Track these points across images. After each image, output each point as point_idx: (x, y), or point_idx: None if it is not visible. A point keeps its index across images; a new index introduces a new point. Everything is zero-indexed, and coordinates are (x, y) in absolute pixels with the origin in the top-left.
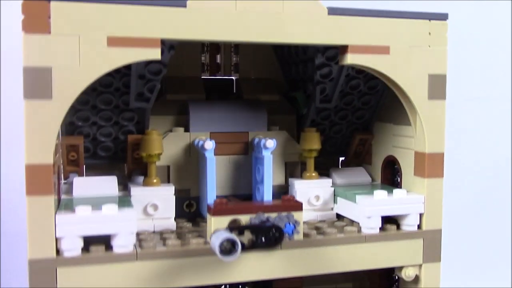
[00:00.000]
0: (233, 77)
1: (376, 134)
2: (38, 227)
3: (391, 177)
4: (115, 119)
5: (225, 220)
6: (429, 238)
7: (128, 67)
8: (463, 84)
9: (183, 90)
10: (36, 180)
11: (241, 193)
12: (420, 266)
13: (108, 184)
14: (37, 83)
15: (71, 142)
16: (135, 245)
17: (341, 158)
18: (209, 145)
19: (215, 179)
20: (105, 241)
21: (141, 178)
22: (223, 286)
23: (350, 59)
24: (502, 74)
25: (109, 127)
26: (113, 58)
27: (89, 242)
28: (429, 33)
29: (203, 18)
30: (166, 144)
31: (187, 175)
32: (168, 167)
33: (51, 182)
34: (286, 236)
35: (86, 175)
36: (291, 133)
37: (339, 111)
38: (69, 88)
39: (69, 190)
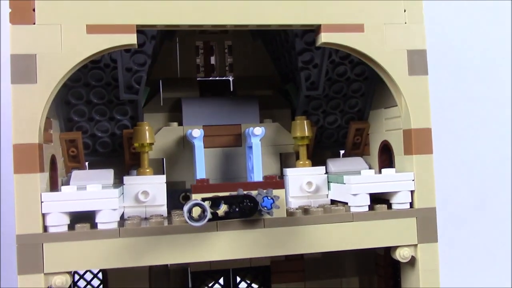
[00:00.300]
0: (229, 78)
1: (371, 123)
2: (25, 204)
3: (388, 163)
4: (110, 114)
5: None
6: (422, 217)
7: (116, 61)
8: (464, 84)
9: (178, 89)
10: (23, 158)
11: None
12: (416, 246)
13: (104, 176)
14: (23, 69)
15: (70, 137)
16: (118, 223)
17: (341, 151)
18: (197, 132)
19: (204, 166)
20: (92, 220)
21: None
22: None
23: (324, 38)
24: (502, 74)
25: (105, 122)
26: (92, 44)
27: (76, 221)
28: (404, 10)
29: (175, 4)
30: (160, 138)
31: (182, 168)
32: (163, 160)
33: (37, 161)
34: (265, 210)
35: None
36: (286, 126)
37: (330, 100)
38: (52, 73)
39: (68, 182)
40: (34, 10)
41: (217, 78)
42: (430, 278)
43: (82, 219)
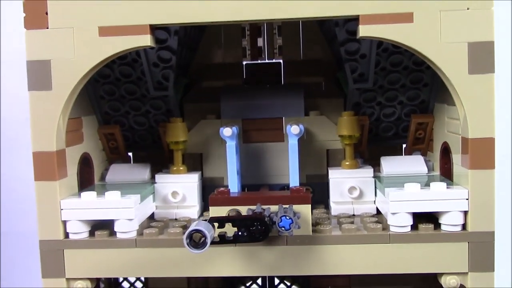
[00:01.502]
0: (279, 60)
1: (436, 117)
2: (45, 210)
3: (450, 167)
4: (144, 108)
5: (223, 210)
6: (476, 242)
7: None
8: None
9: (220, 76)
10: (41, 166)
11: (277, 183)
12: (466, 274)
13: (140, 171)
14: (39, 75)
15: (108, 131)
16: (138, 231)
17: (404, 145)
18: (229, 132)
19: (236, 169)
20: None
21: None
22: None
23: (363, 31)
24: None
25: (141, 116)
26: (105, 48)
27: (100, 226)
28: None
29: (190, 2)
30: (198, 132)
31: (220, 163)
32: (201, 155)
33: (55, 169)
34: (282, 230)
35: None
36: (337, 118)
37: (386, 91)
38: (66, 79)
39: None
40: (47, 13)
41: (264, 62)
42: None
43: (106, 224)
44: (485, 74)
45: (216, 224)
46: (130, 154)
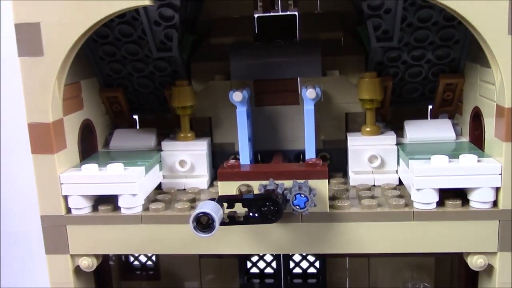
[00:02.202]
0: (293, 13)
1: (467, 77)
2: (44, 185)
3: (481, 132)
4: (148, 70)
5: (233, 186)
6: (507, 220)
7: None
8: None
9: (230, 32)
10: (37, 139)
11: (292, 149)
12: (495, 254)
13: (146, 137)
14: (28, 40)
15: (110, 94)
16: (143, 207)
17: (430, 107)
18: (239, 96)
19: (247, 136)
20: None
21: None
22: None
23: None
24: None
25: (145, 78)
26: (99, 8)
27: (101, 200)
28: None
29: None
30: (206, 94)
31: (230, 128)
32: (210, 118)
33: (52, 141)
34: (297, 209)
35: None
36: (358, 76)
37: (413, 49)
38: (59, 43)
39: (109, 142)
40: None
41: (278, 14)
42: None
43: (110, 197)
44: None
45: (225, 204)
46: (136, 117)
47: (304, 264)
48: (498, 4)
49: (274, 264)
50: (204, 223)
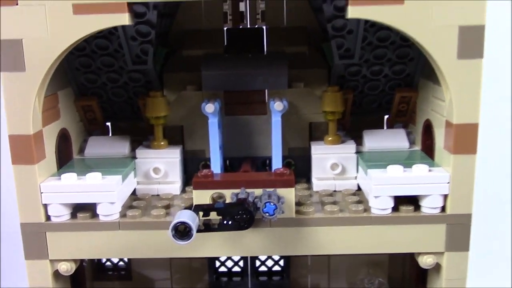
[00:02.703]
0: (262, 26)
1: (420, 92)
2: (25, 194)
3: (431, 142)
4: (122, 80)
5: (207, 194)
6: (454, 224)
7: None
8: None
9: (200, 45)
10: (19, 150)
11: (260, 155)
12: (442, 254)
13: (120, 144)
14: (11, 55)
15: (85, 103)
16: (120, 213)
17: (386, 117)
18: (211, 108)
19: (218, 145)
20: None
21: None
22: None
23: (352, 12)
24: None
25: (119, 88)
26: (80, 27)
27: (79, 208)
28: None
29: None
30: (178, 104)
31: (202, 135)
32: (182, 127)
33: (33, 152)
34: (266, 216)
35: (111, 135)
36: (321, 88)
37: (372, 65)
38: (40, 59)
39: (83, 149)
40: None
41: (246, 28)
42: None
43: (86, 205)
44: (474, 60)
45: (201, 213)
46: (109, 124)
47: (269, 263)
48: (449, 31)
49: (241, 263)
50: (182, 231)
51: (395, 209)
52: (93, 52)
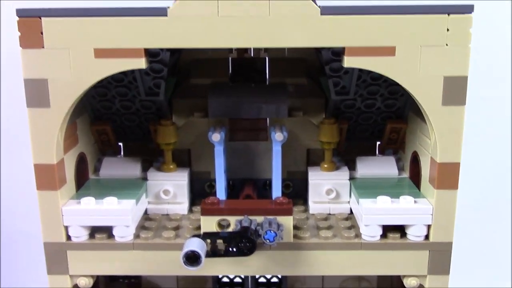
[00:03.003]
0: (264, 56)
1: (409, 124)
2: (48, 216)
3: (418, 172)
4: (135, 108)
5: (213, 220)
6: (436, 250)
7: None
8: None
9: (207, 73)
10: (43, 177)
11: (261, 178)
12: (425, 277)
13: (132, 166)
14: (36, 93)
15: (99, 127)
16: (134, 235)
17: (378, 143)
18: (217, 137)
19: (223, 170)
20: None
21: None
22: None
23: (348, 62)
24: (502, 74)
25: (131, 114)
26: (100, 69)
27: (97, 228)
28: (448, 29)
29: (185, 26)
30: (186, 129)
31: (207, 158)
32: (189, 150)
33: (56, 179)
34: (267, 242)
35: (123, 154)
36: (318, 117)
37: (365, 100)
38: (64, 97)
39: (99, 169)
40: (42, 33)
41: (250, 57)
42: None
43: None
44: (457, 106)
45: (208, 241)
46: (120, 144)
47: (268, 275)
48: (435, 80)
49: (242, 275)
50: (192, 257)
51: (383, 236)
52: (109, 83)
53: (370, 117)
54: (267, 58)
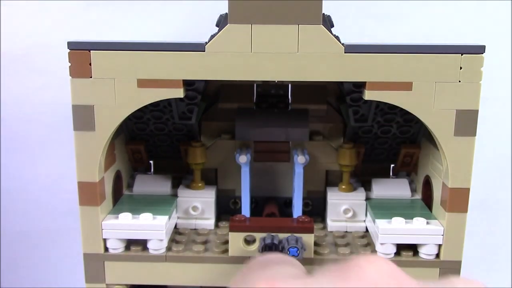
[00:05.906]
0: (287, 83)
1: (422, 150)
2: (88, 229)
3: (430, 194)
4: (167, 129)
5: (240, 236)
6: (446, 268)
7: None
8: None
9: (235, 99)
10: (86, 194)
11: (282, 196)
12: None
13: (163, 183)
14: (83, 118)
15: (134, 146)
16: (166, 248)
17: (392, 165)
18: (244, 159)
19: (248, 189)
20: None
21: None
22: None
23: (369, 95)
24: (503, 74)
25: (164, 135)
26: (142, 97)
27: (133, 241)
28: (460, 68)
29: (220, 60)
30: (214, 150)
31: (232, 177)
32: (216, 170)
33: (97, 196)
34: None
35: (153, 171)
36: (337, 141)
37: (382, 126)
38: (108, 121)
39: (132, 185)
40: (90, 64)
41: (275, 84)
42: None
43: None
44: (468, 137)
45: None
46: (151, 161)
47: None
48: (448, 113)
49: None
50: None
51: (397, 253)
52: (145, 107)
53: (385, 142)
54: (289, 85)
